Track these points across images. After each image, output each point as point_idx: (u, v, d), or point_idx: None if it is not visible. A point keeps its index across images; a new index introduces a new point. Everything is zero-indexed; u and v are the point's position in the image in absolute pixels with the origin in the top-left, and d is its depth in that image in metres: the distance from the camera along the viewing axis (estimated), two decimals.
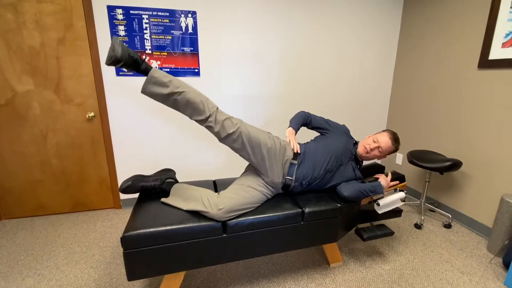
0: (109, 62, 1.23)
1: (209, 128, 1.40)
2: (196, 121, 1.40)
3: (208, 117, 1.37)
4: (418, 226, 2.23)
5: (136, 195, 2.53)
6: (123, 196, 2.49)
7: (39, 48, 2.02)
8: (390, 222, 2.33)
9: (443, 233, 2.17)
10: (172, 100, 1.34)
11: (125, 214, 2.39)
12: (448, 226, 2.24)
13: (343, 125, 1.79)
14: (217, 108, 1.41)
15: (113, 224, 2.23)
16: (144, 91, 1.33)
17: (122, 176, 2.42)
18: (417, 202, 2.48)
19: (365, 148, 1.64)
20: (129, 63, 1.28)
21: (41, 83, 2.08)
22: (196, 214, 1.36)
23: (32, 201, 2.29)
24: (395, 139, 1.62)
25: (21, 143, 2.15)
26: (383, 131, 1.67)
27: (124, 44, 1.26)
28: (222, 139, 1.43)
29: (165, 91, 1.31)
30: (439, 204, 2.51)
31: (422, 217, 2.28)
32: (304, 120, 1.77)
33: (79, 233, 2.10)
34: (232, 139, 1.42)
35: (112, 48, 1.21)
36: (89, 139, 2.28)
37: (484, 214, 2.13)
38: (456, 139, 2.31)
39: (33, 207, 2.31)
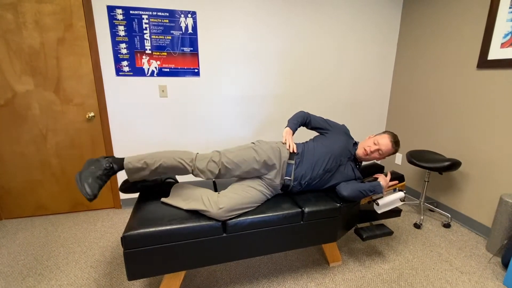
0: (90, 201, 1.25)
1: (199, 177, 1.45)
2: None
3: (192, 172, 1.42)
4: (417, 226, 2.23)
5: (136, 195, 2.53)
6: (123, 196, 2.49)
7: (39, 48, 2.02)
8: (389, 222, 2.33)
9: (442, 233, 2.18)
10: (156, 173, 1.40)
11: (125, 214, 2.39)
12: (447, 225, 2.25)
13: (343, 125, 1.80)
14: (196, 156, 1.44)
15: (113, 224, 2.23)
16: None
17: (122, 176, 2.42)
18: (417, 201, 2.49)
19: (365, 150, 1.64)
20: (104, 180, 1.31)
21: (41, 83, 2.08)
22: (196, 214, 1.37)
23: (32, 201, 2.29)
24: (395, 142, 1.62)
25: (21, 143, 2.15)
26: (384, 132, 1.67)
27: (87, 173, 1.27)
28: (215, 179, 1.47)
29: (146, 172, 1.38)
30: (438, 203, 2.51)
31: (422, 217, 2.28)
32: (303, 120, 1.77)
33: (79, 233, 2.10)
34: (221, 174, 1.45)
35: (81, 192, 1.24)
36: (89, 139, 2.28)
37: (483, 213, 2.14)
38: (455, 139, 2.31)
39: (33, 207, 2.31)
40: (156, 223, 1.27)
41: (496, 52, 1.97)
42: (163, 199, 1.48)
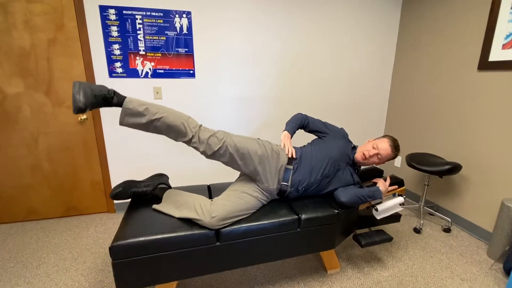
0: (76, 112, 1.16)
1: (195, 148, 1.36)
2: (182, 142, 1.37)
3: (191, 138, 1.33)
4: (417, 230, 2.19)
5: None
6: (116, 200, 2.43)
7: (29, 49, 1.97)
8: (388, 226, 2.29)
9: (442, 238, 2.14)
10: (152, 127, 1.29)
11: (119, 219, 2.34)
12: (447, 230, 2.21)
13: (342, 129, 1.75)
14: (200, 126, 1.37)
15: (106, 229, 2.18)
16: (122, 123, 1.27)
17: (116, 179, 2.37)
18: (416, 205, 2.45)
19: (364, 154, 1.59)
20: (98, 103, 1.21)
21: (31, 85, 2.03)
22: (189, 222, 1.32)
23: (23, 205, 2.23)
24: (395, 146, 1.57)
25: (11, 147, 2.09)
26: (383, 136, 1.63)
27: (87, 85, 1.18)
28: (209, 156, 1.38)
29: (143, 120, 1.26)
30: (438, 207, 2.47)
31: (421, 221, 2.24)
32: (301, 123, 1.72)
33: (70, 238, 2.05)
34: (219, 154, 1.38)
35: (73, 99, 1.14)
36: (82, 142, 2.23)
37: (484, 218, 2.10)
38: (455, 142, 2.27)
39: (24, 212, 2.25)
40: (146, 232, 1.22)
41: (497, 54, 1.92)
42: (154, 206, 1.43)
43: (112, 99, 1.24)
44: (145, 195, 1.51)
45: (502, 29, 1.88)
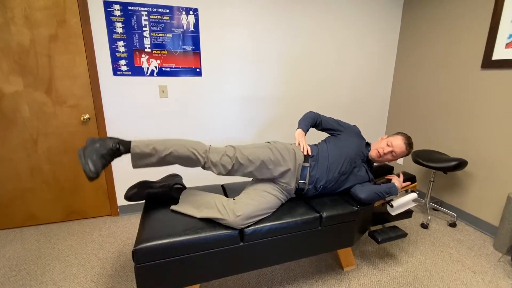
0: (91, 181, 1.15)
1: (210, 171, 1.36)
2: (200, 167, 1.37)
3: (204, 164, 1.33)
4: (424, 226, 2.22)
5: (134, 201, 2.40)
6: (120, 203, 2.35)
7: (29, 45, 1.87)
8: (396, 222, 2.31)
9: (449, 232, 2.18)
10: (165, 162, 1.30)
11: (123, 222, 2.26)
12: (453, 225, 2.25)
13: (355, 126, 1.75)
14: (210, 148, 1.35)
15: (111, 232, 2.10)
16: (135, 167, 1.28)
17: (120, 181, 2.29)
18: (421, 201, 2.49)
19: (378, 152, 1.60)
20: (108, 160, 1.22)
21: (31, 84, 1.93)
22: (210, 222, 1.28)
23: (22, 210, 2.12)
24: (409, 144, 1.59)
25: (9, 149, 1.99)
26: (397, 134, 1.64)
27: (91, 150, 1.18)
28: (225, 175, 1.38)
29: (153, 159, 1.27)
30: (442, 202, 2.52)
31: (428, 217, 2.28)
32: (313, 121, 1.71)
33: (75, 243, 1.96)
34: (234, 170, 1.37)
35: (83, 169, 1.14)
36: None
37: (489, 212, 2.16)
38: (459, 139, 2.32)
39: (23, 217, 2.14)
40: (169, 234, 1.18)
41: (500, 52, 1.98)
42: (173, 207, 1.39)
43: (118, 150, 1.24)
44: (161, 196, 1.46)
45: (506, 28, 1.94)
